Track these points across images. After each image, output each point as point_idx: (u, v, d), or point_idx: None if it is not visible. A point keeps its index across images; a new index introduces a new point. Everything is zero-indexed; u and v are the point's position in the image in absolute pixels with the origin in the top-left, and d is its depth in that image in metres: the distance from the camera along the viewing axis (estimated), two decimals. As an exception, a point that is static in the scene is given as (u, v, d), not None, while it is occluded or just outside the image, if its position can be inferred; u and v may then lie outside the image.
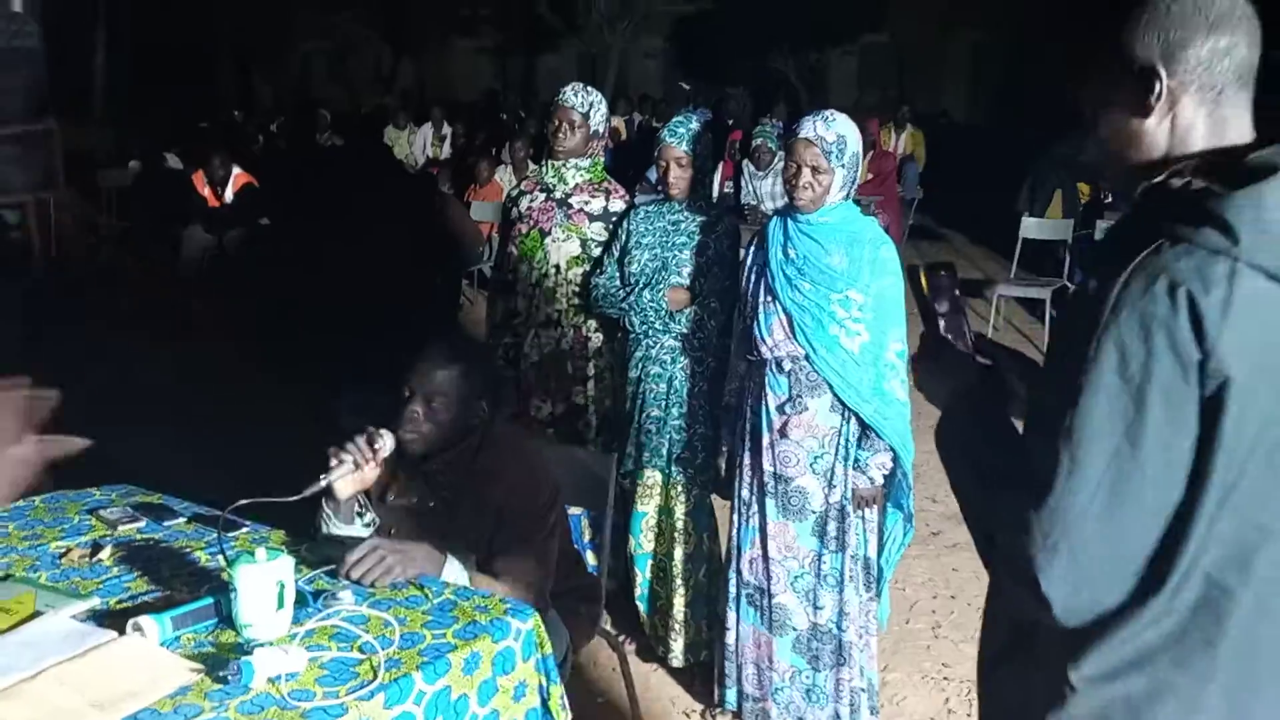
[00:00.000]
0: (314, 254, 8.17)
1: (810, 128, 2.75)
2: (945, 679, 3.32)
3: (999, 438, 1.33)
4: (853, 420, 2.79)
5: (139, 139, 12.02)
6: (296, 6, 21.09)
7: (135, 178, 10.33)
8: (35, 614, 1.91)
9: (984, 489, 1.31)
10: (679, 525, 3.23)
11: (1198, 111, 1.24)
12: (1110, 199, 7.48)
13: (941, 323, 1.47)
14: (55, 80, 6.97)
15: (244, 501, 2.03)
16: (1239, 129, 1.25)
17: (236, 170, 8.12)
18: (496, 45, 23.66)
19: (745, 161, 6.88)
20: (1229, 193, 1.15)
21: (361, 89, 21.64)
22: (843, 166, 2.76)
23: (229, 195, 8.02)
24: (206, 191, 8.03)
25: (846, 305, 2.75)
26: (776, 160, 6.58)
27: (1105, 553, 1.17)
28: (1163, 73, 1.23)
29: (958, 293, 1.49)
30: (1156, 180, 1.24)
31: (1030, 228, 7.33)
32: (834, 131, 2.74)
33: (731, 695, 3.04)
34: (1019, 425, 1.37)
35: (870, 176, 8.49)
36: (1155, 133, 1.26)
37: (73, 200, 7.38)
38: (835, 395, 2.77)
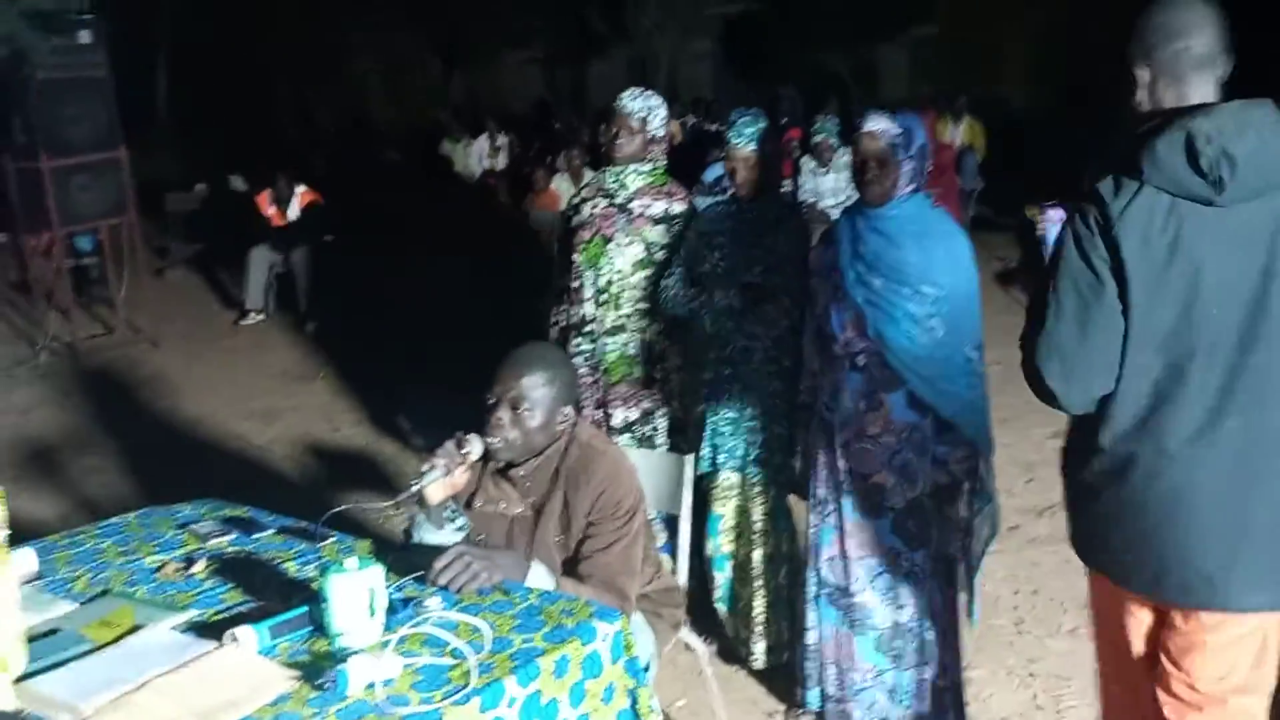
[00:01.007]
0: (376, 267, 8.31)
1: (875, 121, 2.72)
2: (1031, 675, 3.27)
3: None
4: (930, 416, 2.76)
5: (203, 163, 12.31)
6: (349, 26, 21.40)
7: (202, 201, 10.56)
8: (135, 627, 1.97)
9: None
10: (758, 526, 3.22)
11: (1166, 89, 1.92)
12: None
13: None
14: (121, 108, 7.16)
15: (335, 510, 2.06)
16: (1200, 95, 1.90)
17: (301, 188, 8.27)
18: (546, 55, 23.78)
19: (805, 158, 6.83)
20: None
21: (415, 104, 21.89)
22: (910, 159, 2.72)
23: (294, 213, 8.17)
24: (271, 211, 8.19)
25: (920, 300, 2.71)
26: (839, 156, 6.52)
27: (1083, 361, 1.90)
28: (1142, 67, 1.93)
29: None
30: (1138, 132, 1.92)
31: (1098, 213, 7.17)
32: (899, 124, 2.71)
33: (813, 696, 3.02)
34: None
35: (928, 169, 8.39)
36: (1144, 102, 1.94)
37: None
38: (911, 391, 2.74)
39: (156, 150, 14.07)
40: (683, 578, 2.78)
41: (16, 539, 2.40)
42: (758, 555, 3.23)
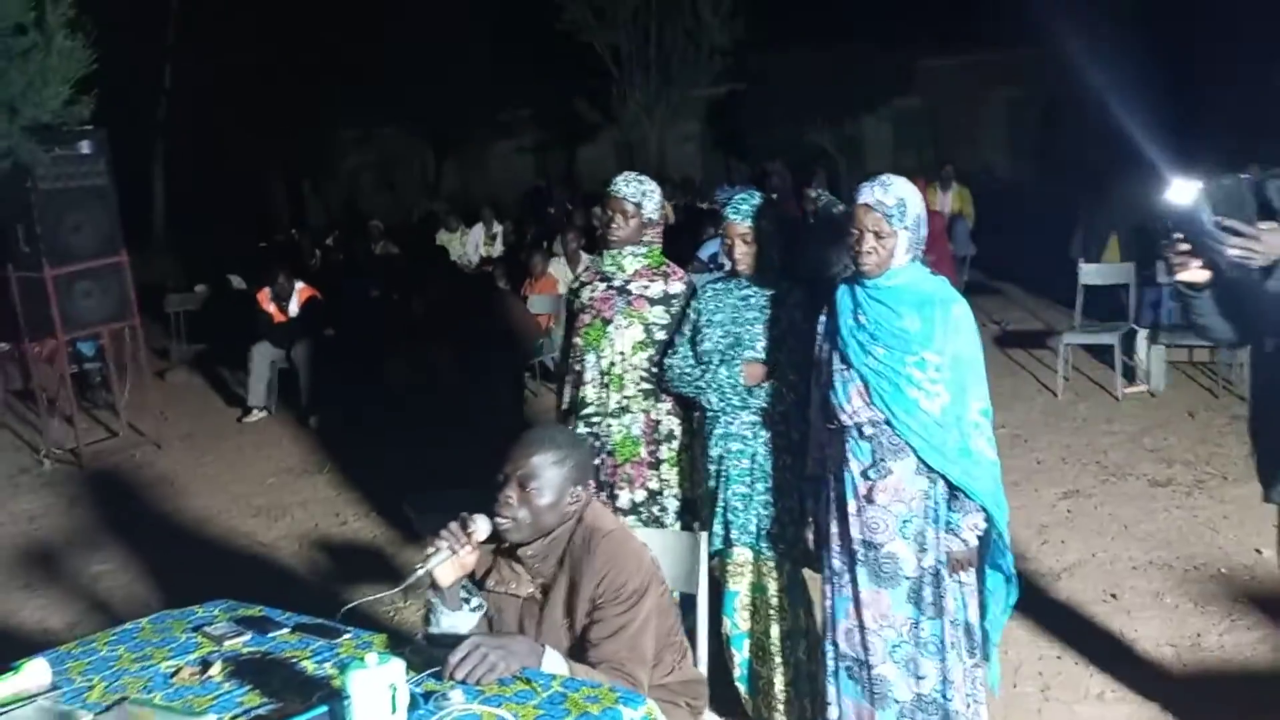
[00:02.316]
0: (376, 359, 8.35)
1: (869, 193, 2.76)
2: (1060, 742, 3.22)
3: None
4: (940, 482, 2.76)
5: (201, 264, 12.45)
6: (340, 124, 21.83)
7: (203, 301, 10.64)
8: (155, 735, 1.94)
9: None
10: (774, 602, 3.19)
11: None
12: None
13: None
14: (120, 214, 7.26)
15: (350, 605, 2.05)
16: None
17: (300, 285, 8.34)
18: (536, 143, 24.23)
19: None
20: None
21: (408, 197, 22.23)
22: (906, 229, 2.75)
23: (294, 309, 8.23)
24: (272, 308, 8.25)
25: (923, 367, 2.73)
26: None
27: None
28: None
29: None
30: None
31: (1090, 274, 7.25)
32: (893, 195, 2.75)
33: (837, 773, 2.96)
34: None
35: (920, 237, 8.48)
36: None
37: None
38: (919, 458, 2.74)
39: (155, 254, 14.24)
40: (703, 657, 2.74)
41: (28, 649, 2.39)
42: (775, 632, 3.20)
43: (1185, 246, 2.29)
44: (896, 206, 2.74)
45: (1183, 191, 2.22)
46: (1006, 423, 6.28)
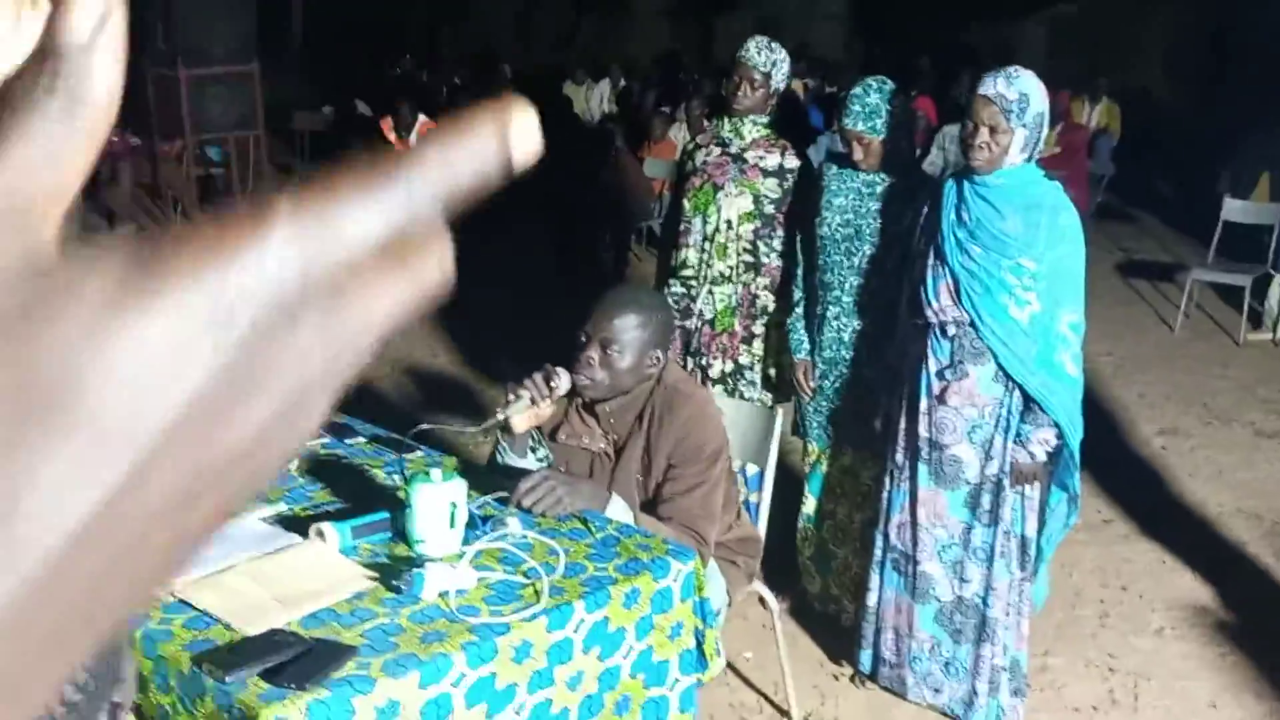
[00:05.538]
0: (488, 203, 8.39)
1: (991, 85, 2.63)
2: (1110, 669, 3.20)
3: None
4: (1016, 392, 2.70)
5: (330, 86, 12.56)
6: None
7: (328, 123, 10.78)
8: (228, 514, 2.04)
9: None
10: (863, 489, 3.19)
11: None
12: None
13: None
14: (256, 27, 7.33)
15: (424, 427, 2.10)
16: None
17: (423, 118, 8.38)
18: (673, 8, 23.64)
19: (948, 126, 6.65)
20: None
21: (542, 47, 21.99)
22: (1024, 126, 2.61)
23: (414, 140, 8.29)
24: (393, 137, 8.32)
25: (1018, 273, 2.64)
26: None
27: None
28: None
29: None
30: None
31: (1235, 210, 6.83)
32: (1016, 89, 2.61)
33: (866, 658, 3.02)
34: None
35: (1058, 150, 8.11)
36: None
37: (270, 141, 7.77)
38: (999, 364, 2.68)
39: (287, 72, 14.39)
40: (762, 531, 2.77)
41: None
42: (859, 518, 3.21)
43: None
44: (1017, 102, 2.60)
45: None
46: (1113, 351, 6.08)
